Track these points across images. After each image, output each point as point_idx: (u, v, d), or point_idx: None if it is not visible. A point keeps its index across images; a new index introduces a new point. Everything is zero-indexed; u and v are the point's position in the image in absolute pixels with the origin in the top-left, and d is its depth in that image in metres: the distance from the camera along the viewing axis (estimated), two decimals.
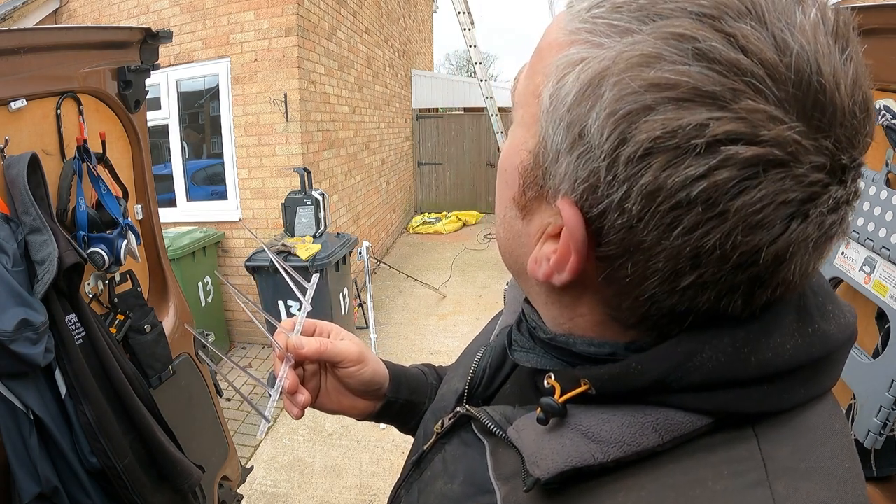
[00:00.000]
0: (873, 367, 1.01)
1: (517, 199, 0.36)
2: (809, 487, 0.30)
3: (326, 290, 3.17)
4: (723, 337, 0.31)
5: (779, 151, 0.25)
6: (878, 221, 1.03)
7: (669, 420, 0.32)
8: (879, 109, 1.04)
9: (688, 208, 0.26)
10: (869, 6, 1.07)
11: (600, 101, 0.27)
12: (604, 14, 0.28)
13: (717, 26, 0.25)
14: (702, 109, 0.25)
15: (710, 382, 0.31)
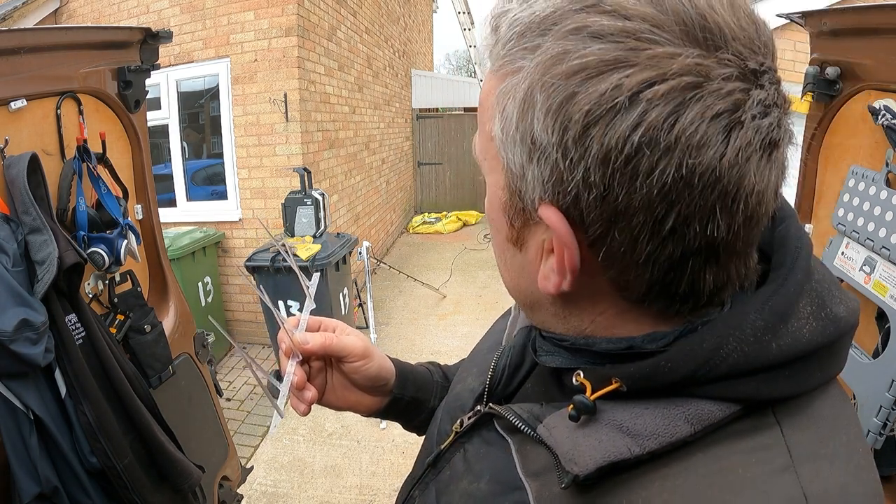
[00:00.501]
0: (873, 367, 1.01)
1: (510, 237, 0.38)
2: (832, 472, 0.31)
3: (326, 290, 3.17)
4: (744, 327, 0.32)
5: (688, 77, 0.28)
6: (878, 221, 1.03)
7: (700, 411, 0.33)
8: (879, 109, 1.04)
9: (638, 156, 0.29)
10: (869, 6, 1.07)
11: (535, 108, 0.31)
12: (514, 44, 0.32)
13: (599, 9, 0.29)
14: (613, 74, 0.28)
15: (737, 371, 0.32)
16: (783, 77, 0.32)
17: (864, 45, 1.12)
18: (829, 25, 1.19)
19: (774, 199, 0.33)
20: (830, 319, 0.34)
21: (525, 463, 0.40)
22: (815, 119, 1.29)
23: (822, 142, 1.31)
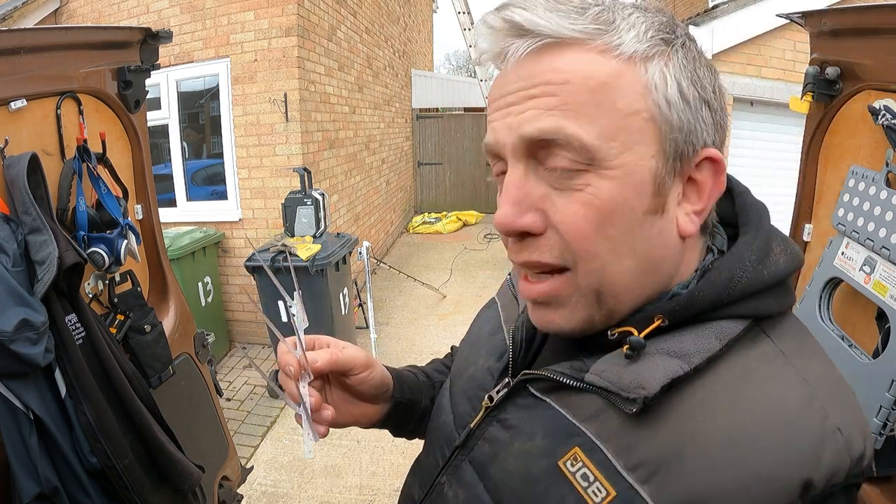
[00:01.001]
0: (873, 366, 1.01)
1: (651, 208, 0.42)
2: (815, 363, 0.44)
3: (326, 291, 3.17)
4: (744, 261, 0.44)
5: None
6: (878, 221, 1.03)
7: (723, 328, 0.42)
8: (879, 109, 1.04)
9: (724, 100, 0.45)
10: (869, 6, 1.07)
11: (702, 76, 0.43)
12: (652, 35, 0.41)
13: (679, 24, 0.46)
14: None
15: (746, 294, 0.43)
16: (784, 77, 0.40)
17: (864, 45, 1.11)
18: (829, 25, 1.19)
19: None
20: (794, 253, 0.46)
21: (575, 412, 0.45)
22: (815, 119, 1.29)
23: (822, 142, 1.31)
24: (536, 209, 0.42)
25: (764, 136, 3.99)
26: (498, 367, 0.56)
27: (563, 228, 0.42)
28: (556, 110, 0.40)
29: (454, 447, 0.55)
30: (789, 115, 3.87)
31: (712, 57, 3.69)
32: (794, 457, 0.37)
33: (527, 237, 0.43)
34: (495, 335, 0.60)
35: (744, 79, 3.75)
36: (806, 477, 0.37)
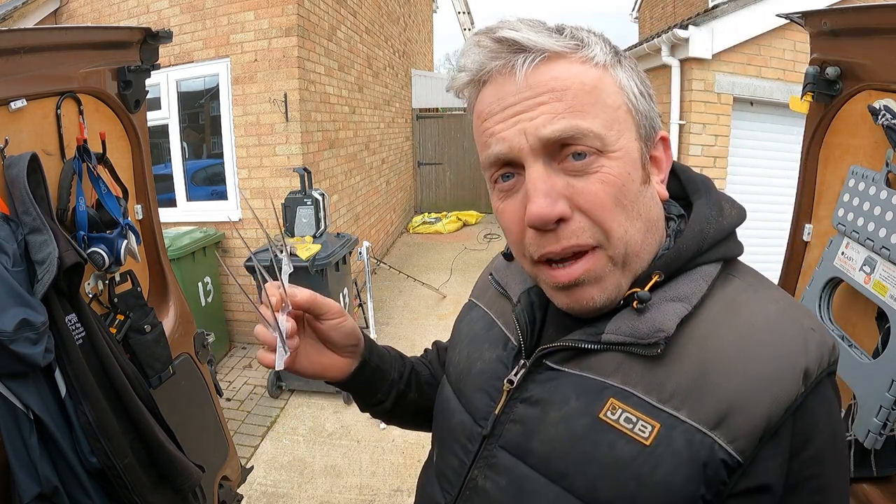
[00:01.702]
0: (873, 367, 1.01)
1: (642, 179, 0.52)
2: (774, 289, 0.54)
3: (326, 291, 3.16)
4: (707, 216, 0.54)
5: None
6: (878, 221, 1.03)
7: (706, 272, 0.52)
8: (879, 109, 1.04)
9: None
10: (869, 6, 1.07)
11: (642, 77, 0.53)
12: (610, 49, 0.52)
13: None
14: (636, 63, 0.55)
15: (715, 241, 0.53)
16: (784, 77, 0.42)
17: (864, 45, 1.11)
18: (829, 25, 1.19)
19: None
20: (740, 208, 0.57)
21: (597, 371, 0.52)
22: (815, 119, 1.29)
23: (822, 142, 1.31)
24: (564, 196, 0.49)
25: (764, 136, 3.98)
26: (507, 354, 0.61)
27: (588, 207, 0.49)
28: (567, 112, 0.47)
29: (482, 438, 0.58)
30: (789, 116, 3.87)
31: (712, 57, 3.69)
32: (790, 352, 0.47)
33: (560, 224, 0.49)
34: (491, 329, 0.65)
35: (744, 79, 3.75)
36: (803, 365, 0.46)
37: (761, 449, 0.45)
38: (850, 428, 1.02)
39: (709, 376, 0.47)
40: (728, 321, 0.50)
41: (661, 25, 10.71)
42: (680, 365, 0.48)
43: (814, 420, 0.47)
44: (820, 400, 0.47)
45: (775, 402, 0.45)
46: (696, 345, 0.49)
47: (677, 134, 3.97)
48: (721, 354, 0.47)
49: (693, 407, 0.47)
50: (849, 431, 1.02)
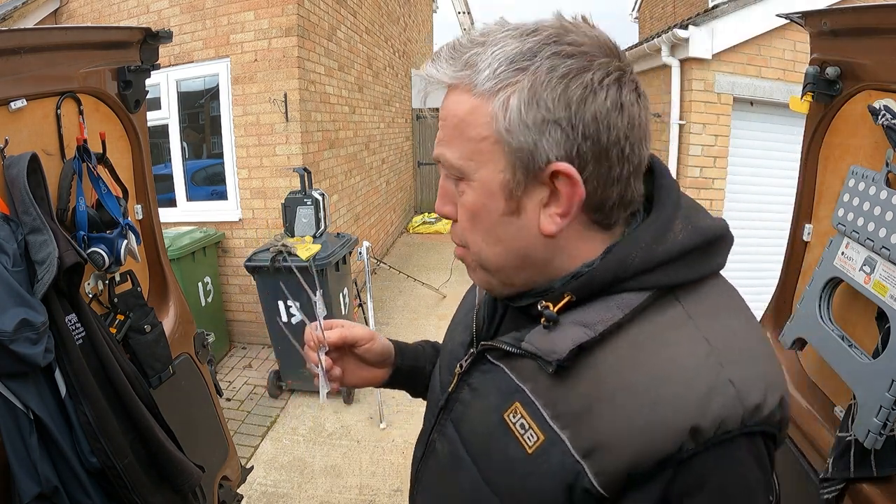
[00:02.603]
0: (873, 366, 1.01)
1: (507, 210, 0.52)
2: (724, 323, 0.51)
3: (326, 291, 3.17)
4: (640, 242, 0.51)
5: (617, 72, 0.49)
6: (878, 221, 1.03)
7: (625, 300, 0.50)
8: (879, 109, 1.04)
9: (610, 114, 0.48)
10: (869, 6, 1.07)
11: (542, 99, 0.48)
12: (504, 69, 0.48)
13: (564, 42, 0.48)
14: (585, 74, 0.47)
15: (641, 270, 0.50)
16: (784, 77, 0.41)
17: (864, 45, 1.11)
18: (829, 25, 1.19)
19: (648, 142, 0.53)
20: (696, 228, 0.53)
21: (517, 374, 0.56)
22: (815, 119, 1.29)
23: (822, 142, 1.31)
24: (452, 203, 0.56)
25: (764, 136, 3.98)
26: (467, 340, 0.68)
27: (458, 220, 0.57)
28: (441, 140, 0.54)
29: (439, 409, 0.67)
30: (789, 116, 3.87)
31: (712, 57, 3.69)
32: (683, 405, 0.45)
33: (453, 221, 0.58)
34: (469, 314, 0.71)
35: (744, 79, 3.75)
36: (693, 423, 0.45)
37: (628, 490, 0.47)
38: (850, 428, 1.02)
39: (593, 410, 0.49)
40: (638, 357, 0.49)
41: (661, 25, 10.71)
42: (576, 389, 0.51)
43: (701, 479, 0.46)
44: (717, 460, 0.45)
45: (645, 451, 0.45)
46: (594, 374, 0.50)
47: (677, 134, 3.96)
48: (613, 392, 0.48)
49: (574, 431, 0.50)
50: (849, 431, 1.02)
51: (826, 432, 1.17)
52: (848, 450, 1.01)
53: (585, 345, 0.50)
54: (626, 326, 0.50)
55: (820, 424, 1.20)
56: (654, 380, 0.47)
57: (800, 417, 1.26)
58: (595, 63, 0.48)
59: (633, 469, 0.46)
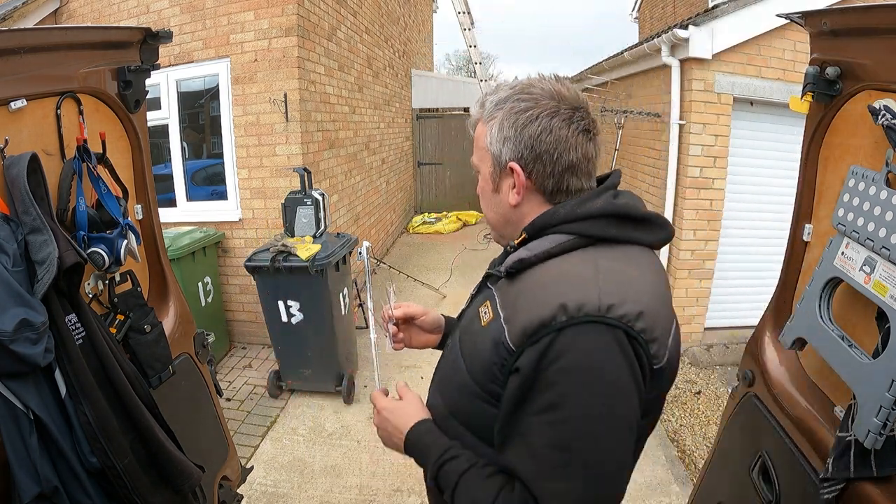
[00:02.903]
0: (873, 367, 1.01)
1: (493, 189, 0.89)
2: (621, 266, 0.77)
3: (326, 291, 3.16)
4: (567, 206, 0.81)
5: (552, 109, 0.81)
6: (878, 221, 1.03)
7: (556, 238, 0.80)
8: (879, 109, 1.04)
9: (541, 135, 0.81)
10: (869, 6, 1.07)
11: (506, 126, 0.83)
12: (494, 108, 0.85)
13: (523, 94, 0.82)
14: (531, 110, 0.81)
15: (565, 220, 0.80)
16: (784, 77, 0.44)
17: (864, 45, 1.11)
18: (829, 25, 1.19)
19: (595, 156, 0.84)
20: (615, 204, 0.80)
21: (494, 287, 0.87)
22: (815, 119, 1.29)
23: (822, 142, 1.31)
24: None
25: (764, 136, 3.98)
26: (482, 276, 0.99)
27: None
28: (474, 154, 0.92)
29: (457, 318, 1.03)
30: (789, 116, 3.87)
31: (712, 57, 3.69)
32: (560, 290, 0.73)
33: None
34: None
35: (744, 79, 3.74)
36: (562, 301, 0.71)
37: (525, 347, 0.73)
38: (850, 428, 1.02)
39: (519, 296, 0.78)
40: (548, 269, 0.78)
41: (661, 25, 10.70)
42: (516, 287, 0.80)
43: (565, 347, 0.70)
44: (575, 335, 0.70)
45: (533, 317, 0.73)
46: (527, 278, 0.79)
47: (677, 134, 3.96)
48: (530, 286, 0.78)
49: (506, 310, 0.79)
50: (849, 431, 1.02)
51: (826, 432, 1.17)
52: (848, 450, 1.01)
53: (525, 261, 0.79)
54: (555, 255, 0.78)
55: (820, 424, 1.20)
56: (551, 277, 0.76)
57: (800, 417, 1.26)
58: (539, 105, 0.81)
59: (527, 329, 0.73)
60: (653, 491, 2.61)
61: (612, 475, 0.71)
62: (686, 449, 2.99)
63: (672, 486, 2.64)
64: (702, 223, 3.97)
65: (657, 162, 4.41)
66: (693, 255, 4.02)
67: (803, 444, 1.22)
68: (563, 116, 0.80)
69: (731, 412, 1.57)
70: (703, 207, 3.94)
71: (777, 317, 1.48)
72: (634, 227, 0.80)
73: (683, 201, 3.95)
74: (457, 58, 31.88)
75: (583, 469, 0.69)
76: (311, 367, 3.38)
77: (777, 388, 1.37)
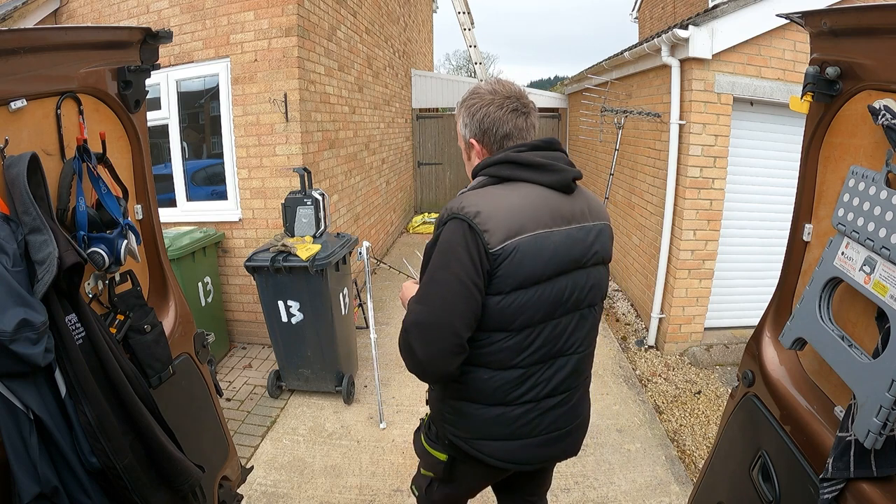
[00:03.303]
0: (873, 367, 1.01)
1: (468, 157, 1.41)
2: (502, 192, 1.24)
3: (326, 291, 3.16)
4: (487, 160, 1.30)
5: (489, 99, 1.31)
6: (878, 221, 1.03)
7: (478, 180, 1.30)
8: (879, 109, 1.04)
9: (485, 118, 1.31)
10: (869, 6, 1.07)
11: (464, 115, 1.35)
12: (459, 108, 1.38)
13: (474, 94, 1.34)
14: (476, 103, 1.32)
15: (483, 166, 1.29)
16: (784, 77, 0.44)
17: (864, 45, 1.11)
18: (829, 25, 1.19)
19: (526, 126, 1.32)
20: (507, 153, 1.27)
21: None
22: (815, 119, 1.29)
23: (822, 142, 1.31)
24: None
25: (763, 136, 3.98)
26: None
27: None
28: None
29: None
30: (789, 116, 3.87)
31: (712, 57, 3.68)
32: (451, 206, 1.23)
33: None
34: None
35: (744, 79, 3.74)
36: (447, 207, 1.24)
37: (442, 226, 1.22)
38: (850, 428, 1.02)
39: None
40: (476, 193, 1.23)
41: (661, 25, 10.70)
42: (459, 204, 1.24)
43: (444, 228, 1.20)
44: (449, 221, 1.20)
45: (444, 213, 1.21)
46: (464, 201, 1.21)
47: (677, 134, 3.96)
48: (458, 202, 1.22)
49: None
50: (849, 431, 1.02)
51: (826, 432, 1.17)
52: (848, 450, 1.01)
53: (466, 192, 1.26)
54: (478, 187, 1.25)
55: (820, 424, 1.20)
56: (462, 196, 1.24)
57: (800, 417, 1.26)
58: (483, 99, 1.29)
59: (440, 220, 1.23)
60: (653, 491, 2.61)
61: (438, 307, 1.16)
62: (686, 449, 2.99)
63: (672, 486, 2.64)
64: (702, 223, 3.97)
65: (657, 162, 4.41)
66: (693, 255, 4.03)
67: (803, 444, 1.22)
68: (496, 104, 1.28)
69: (731, 412, 1.57)
70: (703, 207, 3.94)
71: (777, 317, 1.48)
72: (523, 169, 1.24)
73: (683, 201, 3.95)
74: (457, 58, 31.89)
75: (425, 297, 1.19)
76: (311, 367, 3.38)
77: (777, 388, 1.37)
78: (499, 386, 1.26)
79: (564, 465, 2.81)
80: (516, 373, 1.26)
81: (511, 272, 1.17)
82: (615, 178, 5.58)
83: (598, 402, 3.47)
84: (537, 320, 1.24)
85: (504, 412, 1.28)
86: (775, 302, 1.49)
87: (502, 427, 1.30)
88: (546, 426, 1.32)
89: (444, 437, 1.40)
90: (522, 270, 1.18)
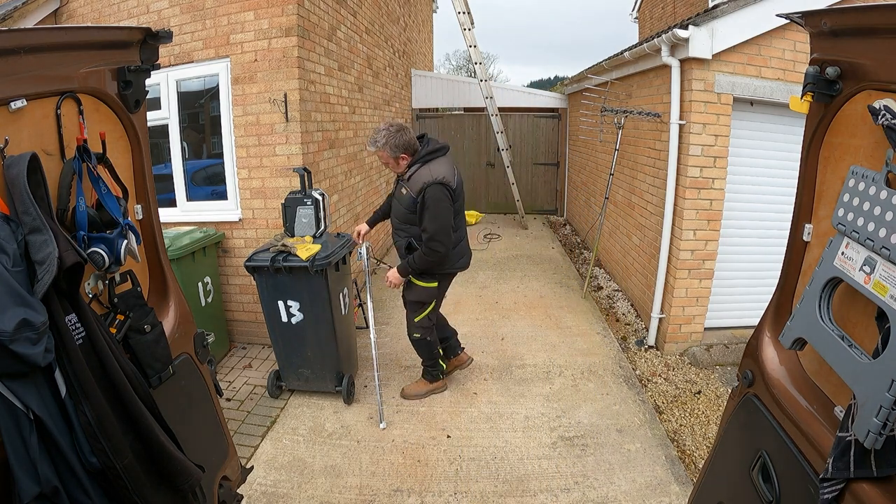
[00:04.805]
0: (873, 367, 1.01)
1: (396, 164, 3.06)
2: (437, 166, 3.02)
3: (326, 291, 3.16)
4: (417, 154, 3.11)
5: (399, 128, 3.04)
6: (878, 221, 1.03)
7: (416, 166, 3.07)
8: (879, 109, 1.04)
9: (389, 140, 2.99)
10: (869, 6, 1.07)
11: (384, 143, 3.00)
12: (383, 141, 2.99)
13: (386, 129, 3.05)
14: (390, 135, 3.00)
15: (417, 159, 3.10)
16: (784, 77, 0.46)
17: (864, 45, 1.11)
18: (829, 25, 1.19)
19: (415, 137, 3.08)
20: (427, 147, 3.06)
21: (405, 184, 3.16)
22: (815, 119, 1.29)
23: (822, 142, 1.31)
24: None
25: (763, 136, 3.98)
26: None
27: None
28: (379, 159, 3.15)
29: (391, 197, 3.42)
30: (789, 116, 3.87)
31: (712, 57, 3.69)
32: (424, 178, 2.98)
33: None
34: None
35: (744, 79, 3.74)
36: (425, 179, 2.97)
37: (419, 195, 2.96)
38: (850, 428, 1.02)
39: (413, 182, 2.99)
40: (420, 173, 2.97)
41: (661, 25, 10.71)
42: (411, 181, 3.00)
43: (428, 191, 2.91)
44: (430, 188, 2.91)
45: (419, 185, 2.94)
46: (414, 177, 2.98)
47: (677, 134, 3.96)
48: (415, 178, 2.98)
49: (411, 187, 3.00)
50: (849, 431, 1.02)
51: (826, 432, 1.17)
52: (848, 450, 1.01)
53: (411, 173, 3.00)
54: (422, 167, 2.99)
55: (820, 424, 1.20)
56: (420, 175, 2.97)
57: (800, 417, 1.26)
58: (399, 132, 2.96)
59: (422, 189, 2.94)
60: (653, 491, 2.61)
61: (446, 224, 2.95)
62: (686, 449, 2.99)
63: (672, 486, 2.64)
64: (702, 223, 3.97)
65: (657, 162, 4.41)
66: (693, 255, 4.03)
67: (803, 444, 1.22)
68: (404, 131, 2.96)
69: (731, 412, 1.57)
70: (703, 207, 3.94)
71: (777, 317, 1.48)
72: (434, 153, 2.99)
73: (683, 201, 3.95)
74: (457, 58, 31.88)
75: (436, 220, 2.92)
76: (311, 367, 3.38)
77: (777, 388, 1.37)
78: (458, 242, 3.15)
79: (564, 464, 2.82)
80: (460, 234, 3.18)
81: (457, 196, 3.03)
82: (615, 178, 5.58)
83: (598, 401, 3.47)
84: (460, 216, 3.14)
85: (457, 250, 3.17)
86: (775, 302, 1.49)
87: (458, 257, 3.19)
88: (466, 251, 3.28)
89: (432, 273, 3.12)
90: (460, 195, 3.06)
